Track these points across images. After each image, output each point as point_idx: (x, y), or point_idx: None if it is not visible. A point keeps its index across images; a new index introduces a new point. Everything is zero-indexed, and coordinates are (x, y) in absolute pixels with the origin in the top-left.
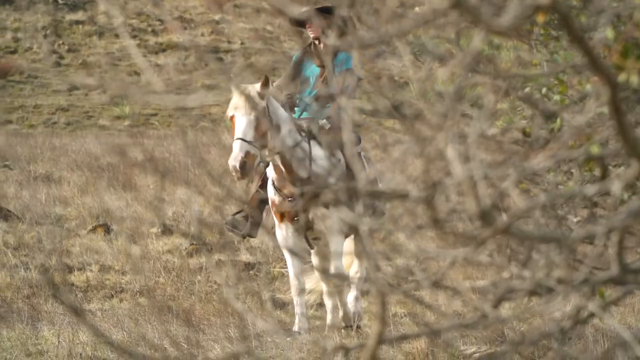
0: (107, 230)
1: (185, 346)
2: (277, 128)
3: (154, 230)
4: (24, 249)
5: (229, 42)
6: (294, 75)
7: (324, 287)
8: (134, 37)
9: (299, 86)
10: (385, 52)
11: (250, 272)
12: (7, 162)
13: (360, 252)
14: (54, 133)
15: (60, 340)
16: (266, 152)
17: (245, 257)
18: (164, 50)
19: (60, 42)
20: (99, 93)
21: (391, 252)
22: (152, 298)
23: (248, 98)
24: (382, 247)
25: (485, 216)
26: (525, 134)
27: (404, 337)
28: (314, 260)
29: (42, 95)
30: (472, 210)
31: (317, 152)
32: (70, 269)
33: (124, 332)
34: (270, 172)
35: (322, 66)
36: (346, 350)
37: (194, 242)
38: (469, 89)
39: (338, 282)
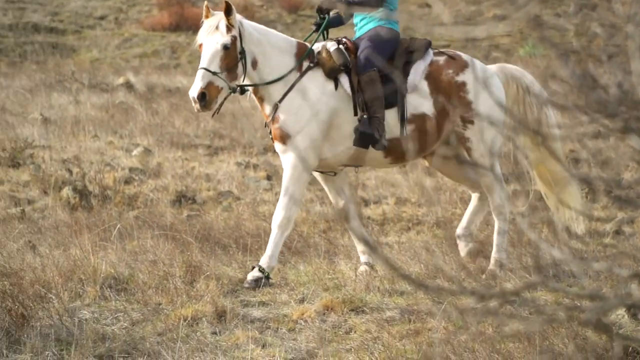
0: None
1: (482, 277)
2: (264, 58)
3: None
4: (319, 183)
5: None
6: None
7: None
8: None
9: None
10: None
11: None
12: None
13: (489, 185)
14: None
15: (357, 274)
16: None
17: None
18: None
19: None
20: None
21: None
22: (448, 229)
23: (217, 27)
24: None
25: None
26: None
27: None
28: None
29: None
30: None
31: (311, 82)
32: (366, 203)
33: (421, 265)
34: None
35: None
36: None
37: None
38: None
39: None
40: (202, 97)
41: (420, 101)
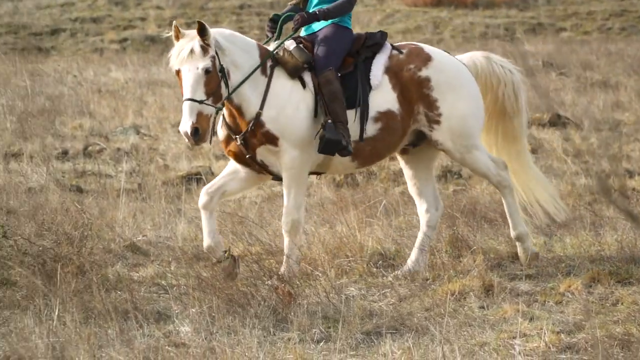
0: None
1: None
2: (234, 67)
3: None
4: (584, 155)
5: None
6: None
7: None
8: None
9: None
10: None
11: None
12: (562, 70)
13: (481, 172)
14: (608, 39)
15: (623, 245)
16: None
17: None
18: None
19: None
20: None
21: None
22: None
23: (193, 50)
24: None
25: None
26: None
27: None
28: None
29: (595, 2)
30: None
31: (280, 84)
32: (631, 174)
33: None
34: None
35: None
36: None
37: None
38: None
39: None
40: (195, 132)
41: (384, 97)
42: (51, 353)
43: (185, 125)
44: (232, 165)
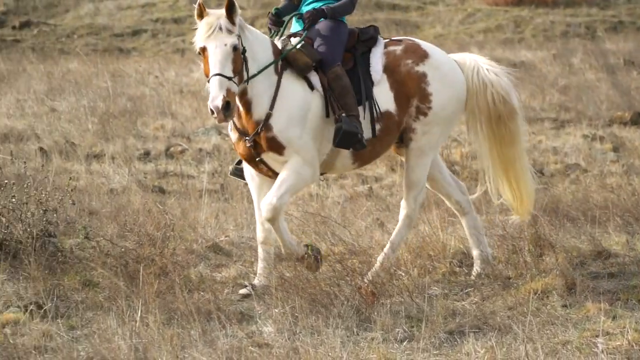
0: None
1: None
2: (252, 55)
3: None
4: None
5: None
6: None
7: None
8: None
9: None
10: None
11: None
12: None
13: (413, 182)
14: None
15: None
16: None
17: None
18: None
19: None
20: None
21: None
22: None
23: (220, 27)
24: None
25: None
26: None
27: None
28: None
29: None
30: None
31: (291, 83)
32: None
33: None
34: None
35: None
36: None
37: None
38: None
39: None
40: (227, 105)
41: (383, 97)
42: (134, 354)
43: (217, 100)
44: (253, 183)
